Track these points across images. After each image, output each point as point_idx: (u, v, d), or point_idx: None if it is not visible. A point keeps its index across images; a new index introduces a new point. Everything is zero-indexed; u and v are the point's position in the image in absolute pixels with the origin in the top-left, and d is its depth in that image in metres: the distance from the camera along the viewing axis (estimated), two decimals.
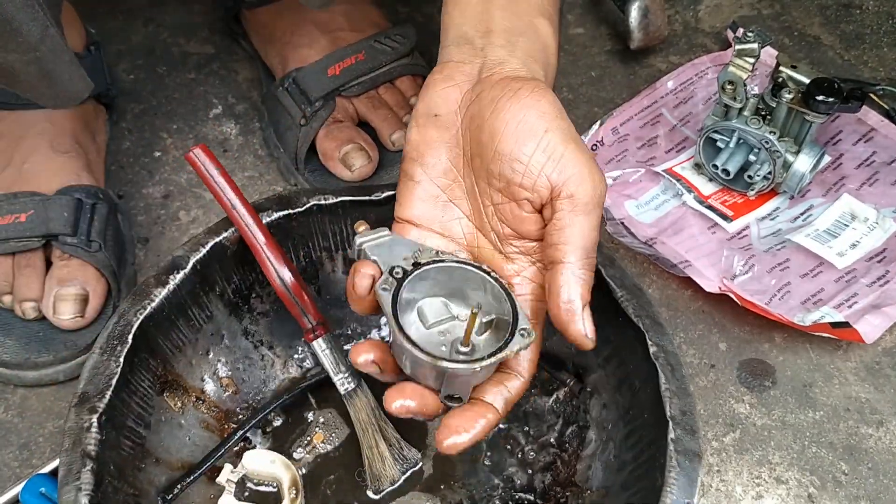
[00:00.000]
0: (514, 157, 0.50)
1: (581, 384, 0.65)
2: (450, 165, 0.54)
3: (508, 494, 0.64)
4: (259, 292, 0.68)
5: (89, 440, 0.54)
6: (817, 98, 0.73)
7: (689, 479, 0.52)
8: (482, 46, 0.54)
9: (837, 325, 0.71)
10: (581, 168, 0.49)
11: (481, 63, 0.54)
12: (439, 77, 0.54)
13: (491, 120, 0.51)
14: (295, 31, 0.85)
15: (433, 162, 0.54)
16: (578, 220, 0.49)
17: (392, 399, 0.50)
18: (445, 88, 0.54)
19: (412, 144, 0.55)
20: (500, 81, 0.52)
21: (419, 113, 0.55)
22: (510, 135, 0.50)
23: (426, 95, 0.54)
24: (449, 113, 0.54)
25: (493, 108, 0.51)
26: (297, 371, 0.70)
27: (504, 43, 0.54)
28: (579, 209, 0.49)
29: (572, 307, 0.49)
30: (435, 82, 0.54)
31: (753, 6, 1.02)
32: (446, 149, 0.54)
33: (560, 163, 0.49)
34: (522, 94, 0.50)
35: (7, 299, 0.71)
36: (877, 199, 0.80)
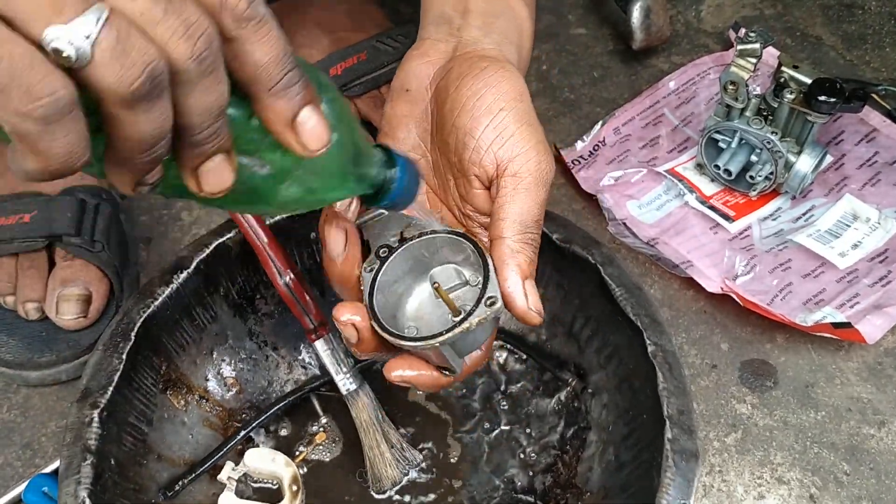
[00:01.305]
0: (466, 133, 0.50)
1: (583, 384, 0.65)
2: (418, 140, 0.55)
3: (509, 496, 0.64)
4: (264, 293, 0.68)
5: (90, 435, 0.54)
6: (819, 98, 0.73)
7: (685, 480, 0.52)
8: (459, 26, 0.55)
9: (839, 325, 0.71)
10: (528, 148, 0.50)
11: (456, 42, 0.55)
12: (415, 53, 0.55)
13: (454, 95, 0.51)
14: (297, 31, 0.85)
15: (403, 136, 0.55)
16: (519, 198, 0.49)
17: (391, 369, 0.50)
18: (419, 64, 0.55)
19: (385, 119, 0.56)
20: (469, 59, 0.53)
21: (393, 88, 0.56)
22: (467, 111, 0.51)
23: (401, 71, 0.55)
24: (419, 88, 0.54)
25: (457, 83, 0.51)
26: (301, 373, 0.70)
27: (481, 24, 0.55)
28: (521, 187, 0.49)
29: (508, 284, 0.48)
30: (410, 58, 0.55)
31: (755, 6, 1.02)
32: (415, 123, 0.55)
33: (508, 142, 0.50)
34: (487, 73, 0.51)
35: (10, 300, 0.71)
36: (879, 200, 0.80)
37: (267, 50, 0.35)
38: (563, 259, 0.63)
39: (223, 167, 0.36)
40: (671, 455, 0.52)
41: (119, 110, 0.31)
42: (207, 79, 0.33)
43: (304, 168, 0.40)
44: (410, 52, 0.56)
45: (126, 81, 0.30)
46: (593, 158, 0.86)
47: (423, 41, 0.56)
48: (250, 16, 0.34)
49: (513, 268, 0.48)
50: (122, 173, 0.34)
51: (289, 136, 0.37)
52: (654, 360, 0.56)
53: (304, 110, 0.36)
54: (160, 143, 0.33)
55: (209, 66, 0.33)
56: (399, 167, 0.47)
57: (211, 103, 0.34)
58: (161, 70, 0.31)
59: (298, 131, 0.37)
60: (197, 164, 0.35)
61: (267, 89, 0.35)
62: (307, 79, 0.37)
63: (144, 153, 0.33)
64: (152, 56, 0.31)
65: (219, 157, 0.35)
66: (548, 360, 0.67)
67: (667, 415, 0.54)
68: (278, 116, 0.36)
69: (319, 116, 0.37)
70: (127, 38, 0.30)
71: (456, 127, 0.51)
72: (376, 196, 0.47)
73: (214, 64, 0.33)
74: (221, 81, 0.34)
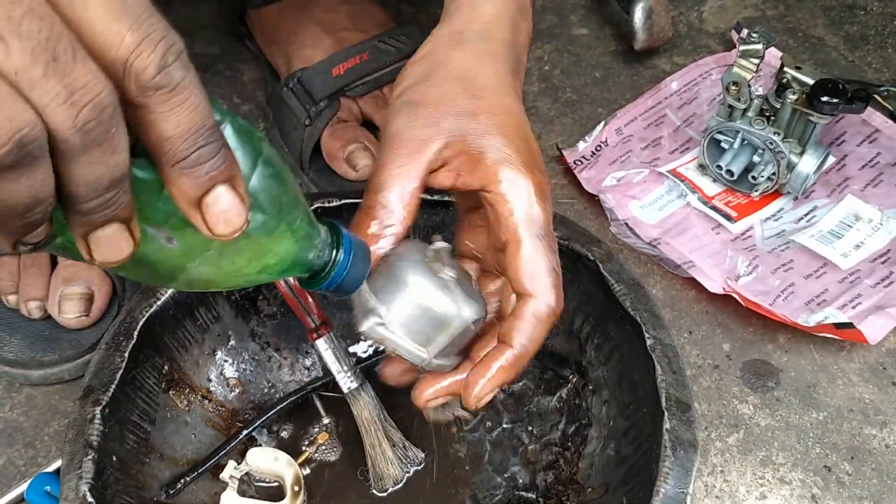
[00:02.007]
0: None
1: (584, 381, 0.65)
2: None
3: (511, 493, 0.64)
4: (266, 294, 0.68)
5: (92, 431, 0.54)
6: (821, 99, 0.73)
7: (684, 469, 0.52)
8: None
9: (841, 325, 0.71)
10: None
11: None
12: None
13: None
14: (299, 32, 0.85)
15: None
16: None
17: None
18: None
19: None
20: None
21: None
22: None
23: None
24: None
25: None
26: (304, 373, 0.70)
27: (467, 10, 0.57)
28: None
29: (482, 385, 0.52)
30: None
31: (758, 7, 1.02)
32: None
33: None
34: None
35: (13, 298, 0.71)
36: (881, 200, 0.80)
37: (176, 122, 0.31)
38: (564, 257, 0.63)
39: (119, 237, 0.32)
40: (669, 445, 0.52)
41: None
42: (94, 150, 0.29)
43: (216, 249, 0.36)
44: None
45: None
46: (595, 159, 0.86)
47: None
48: (159, 84, 0.30)
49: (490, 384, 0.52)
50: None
51: (194, 216, 0.33)
52: (652, 353, 0.56)
53: (215, 190, 0.33)
54: (34, 210, 0.30)
55: (97, 137, 0.29)
56: (344, 249, 0.44)
57: (99, 175, 0.30)
58: (33, 138, 0.28)
59: (205, 212, 0.33)
60: (85, 231, 0.32)
61: (171, 164, 0.32)
62: (227, 154, 0.33)
63: (15, 219, 0.30)
64: (23, 122, 0.28)
65: (113, 227, 0.32)
66: (549, 358, 0.67)
67: (665, 406, 0.54)
68: (182, 195, 0.33)
69: (234, 197, 0.33)
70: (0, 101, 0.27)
71: None
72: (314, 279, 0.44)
73: (105, 135, 0.29)
74: (116, 152, 0.30)
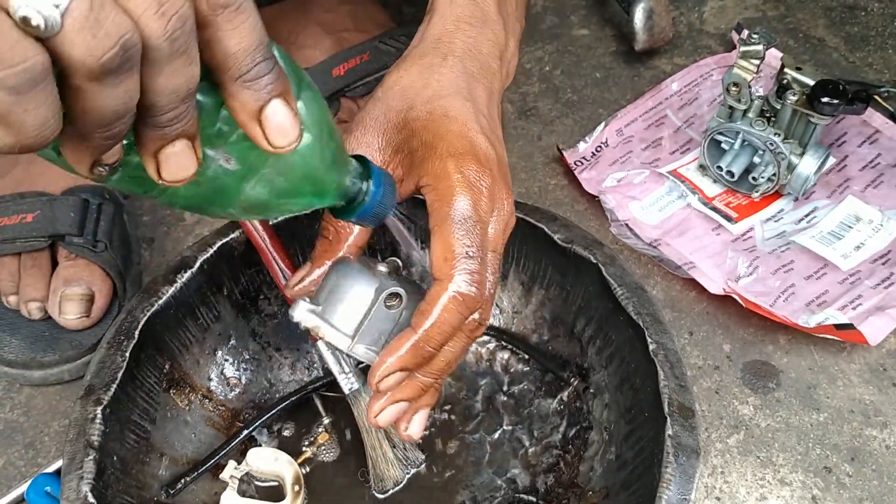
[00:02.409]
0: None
1: (585, 384, 0.65)
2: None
3: (511, 496, 0.64)
4: (267, 294, 0.68)
5: (93, 431, 0.54)
6: (822, 100, 0.73)
7: (686, 476, 0.52)
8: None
9: (841, 326, 0.71)
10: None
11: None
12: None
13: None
14: (300, 32, 0.85)
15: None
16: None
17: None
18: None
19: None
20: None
21: None
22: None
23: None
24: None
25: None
26: (304, 373, 0.70)
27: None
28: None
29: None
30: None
31: (758, 8, 1.02)
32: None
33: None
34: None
35: (13, 299, 0.71)
36: (881, 201, 0.80)
37: (239, 39, 0.34)
38: (565, 259, 0.63)
39: (185, 154, 0.35)
40: (671, 451, 0.52)
41: (86, 82, 0.30)
42: (178, 59, 0.32)
43: (271, 167, 0.39)
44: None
45: (97, 53, 0.29)
46: (596, 159, 0.86)
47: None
48: (226, 2, 0.33)
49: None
50: (80, 151, 0.33)
51: (254, 128, 0.36)
52: (655, 358, 0.56)
53: (272, 103, 0.35)
54: (122, 119, 0.32)
55: (181, 46, 0.32)
56: (374, 181, 0.46)
57: (179, 85, 0.33)
58: (134, 44, 0.30)
59: (265, 124, 0.36)
60: (158, 147, 0.34)
61: (234, 78, 0.35)
62: (281, 72, 0.36)
63: (104, 129, 0.32)
64: (126, 28, 0.30)
65: (181, 143, 0.34)
66: (550, 360, 0.67)
67: (667, 412, 0.54)
68: (244, 107, 0.35)
69: (289, 112, 0.36)
70: (100, 9, 0.29)
71: None
72: (347, 208, 0.46)
73: (186, 45, 0.32)
74: (192, 64, 0.33)
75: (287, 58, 0.39)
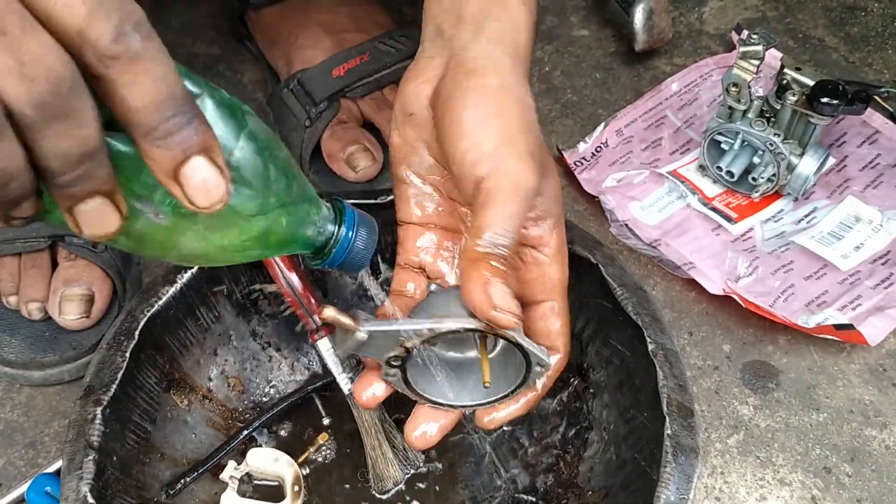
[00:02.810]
0: (451, 160, 0.50)
1: (584, 384, 0.65)
2: (434, 162, 0.54)
3: (510, 496, 0.64)
4: (267, 294, 0.68)
5: (93, 431, 0.54)
6: (822, 100, 0.73)
7: (685, 475, 0.52)
8: (451, 36, 0.53)
9: (841, 327, 0.71)
10: (503, 163, 0.48)
11: (449, 53, 0.53)
12: (412, 74, 0.54)
13: (440, 120, 0.50)
14: (300, 33, 0.85)
15: (417, 160, 0.54)
16: (484, 213, 0.47)
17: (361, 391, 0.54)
18: (418, 85, 0.53)
19: (395, 147, 0.54)
20: (454, 77, 0.51)
21: (396, 114, 0.54)
22: (450, 137, 0.49)
23: (401, 95, 0.54)
24: (421, 110, 0.53)
25: (443, 107, 0.50)
26: (304, 374, 0.70)
27: (473, 29, 0.53)
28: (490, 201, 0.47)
29: (472, 296, 0.47)
30: (408, 79, 0.54)
31: (758, 8, 1.02)
32: (426, 147, 0.53)
33: (483, 159, 0.48)
34: (468, 94, 0.49)
35: (13, 300, 0.71)
36: (881, 202, 0.80)
37: (140, 93, 0.30)
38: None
39: (104, 211, 0.32)
40: (670, 451, 0.52)
41: None
42: (58, 123, 0.29)
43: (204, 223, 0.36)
44: (407, 73, 0.54)
45: None
46: (595, 160, 0.86)
47: (419, 60, 0.54)
48: (116, 53, 0.29)
49: (474, 279, 0.46)
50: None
51: (172, 188, 0.32)
52: (654, 358, 0.56)
53: (190, 161, 0.32)
54: (8, 185, 0.29)
55: (56, 110, 0.29)
56: (346, 227, 0.43)
57: (67, 148, 0.30)
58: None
59: (183, 184, 0.32)
60: (67, 206, 0.31)
61: (143, 136, 0.31)
62: (201, 125, 0.32)
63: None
64: None
65: (96, 200, 0.31)
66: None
67: (666, 412, 0.54)
68: (157, 166, 0.32)
69: (211, 168, 0.32)
70: None
71: (447, 153, 0.50)
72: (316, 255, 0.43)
73: (64, 107, 0.29)
74: (82, 125, 0.30)
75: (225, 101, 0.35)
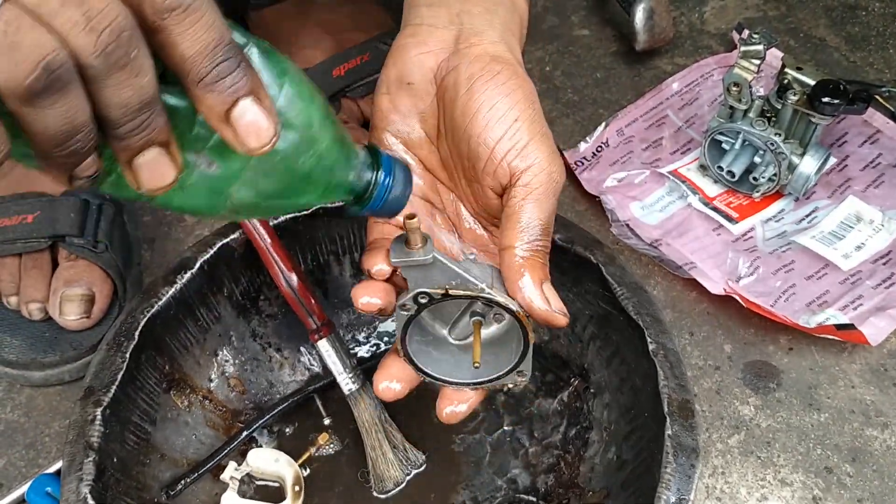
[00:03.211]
0: (481, 142, 0.49)
1: (585, 384, 0.65)
2: (424, 136, 0.53)
3: (511, 496, 0.64)
4: (267, 294, 0.68)
5: (93, 432, 0.54)
6: (823, 100, 0.73)
7: (685, 476, 0.52)
8: (458, 12, 0.52)
9: (842, 327, 0.71)
10: (541, 159, 0.49)
11: (457, 30, 0.51)
12: (412, 41, 0.52)
13: (465, 98, 0.50)
14: (300, 32, 0.85)
15: (406, 130, 0.53)
16: (528, 207, 0.48)
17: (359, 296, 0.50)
18: (420, 55, 0.51)
19: (382, 112, 0.53)
20: (479, 58, 0.50)
21: (390, 79, 0.52)
22: (481, 118, 0.49)
23: (397, 61, 0.52)
24: (423, 81, 0.52)
25: (468, 86, 0.49)
26: (304, 374, 0.70)
27: (482, 11, 0.52)
28: (531, 197, 0.48)
29: (525, 292, 0.48)
30: (407, 47, 0.52)
31: (759, 8, 1.02)
32: (420, 119, 0.52)
33: (522, 152, 0.49)
34: (500, 78, 0.49)
35: (14, 300, 0.71)
36: (882, 201, 0.80)
37: (192, 41, 0.32)
38: (566, 259, 0.63)
39: (161, 162, 0.34)
40: (671, 451, 0.52)
41: (18, 106, 0.30)
42: (120, 73, 0.31)
43: (254, 169, 0.37)
44: (404, 39, 0.52)
45: (19, 77, 0.29)
46: (596, 160, 0.86)
47: (418, 27, 0.52)
48: (171, 5, 0.32)
49: (526, 276, 0.48)
50: (49, 167, 0.32)
51: (225, 131, 0.34)
52: (655, 358, 0.56)
53: (240, 103, 0.34)
54: (75, 137, 0.31)
55: (118, 60, 0.31)
56: (384, 171, 0.44)
57: (128, 98, 0.31)
58: (60, 63, 0.29)
59: (235, 126, 0.34)
60: (129, 157, 0.33)
61: (195, 82, 0.33)
62: (248, 69, 0.34)
63: (58, 148, 0.31)
64: (47, 49, 0.29)
65: (153, 151, 0.33)
66: (550, 360, 0.67)
67: (667, 411, 0.54)
68: (211, 110, 0.34)
69: (260, 110, 0.34)
70: (17, 31, 0.28)
71: (469, 134, 0.49)
72: (357, 201, 0.44)
73: (126, 57, 0.31)
74: (140, 74, 0.31)
75: (268, 51, 0.37)
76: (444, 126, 0.52)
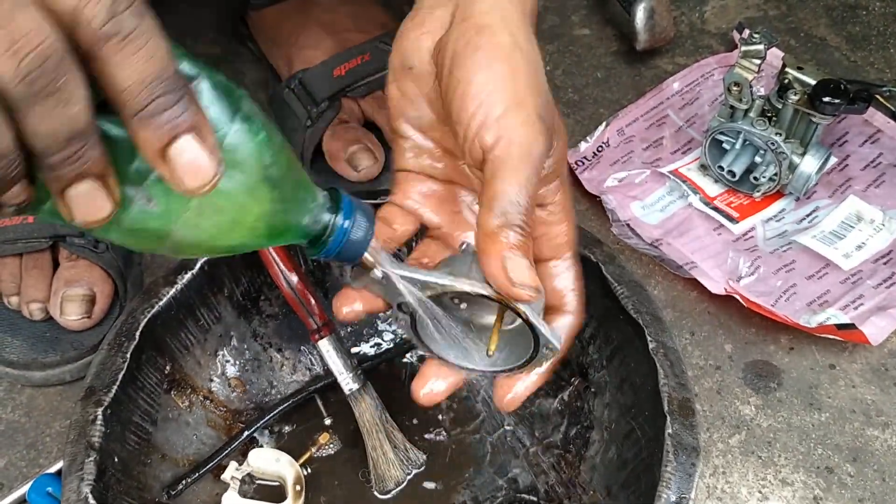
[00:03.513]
0: (458, 119, 0.47)
1: (586, 384, 0.65)
2: (434, 118, 0.52)
3: (512, 496, 0.64)
4: (268, 295, 0.68)
5: (94, 432, 0.54)
6: (823, 99, 0.73)
7: (686, 474, 0.52)
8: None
9: (843, 326, 0.71)
10: (511, 128, 0.46)
11: (454, 6, 0.50)
12: (410, 24, 0.51)
13: (447, 77, 0.48)
14: (301, 33, 0.85)
15: (417, 115, 0.52)
16: (496, 182, 0.45)
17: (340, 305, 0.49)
18: (418, 37, 0.50)
19: (393, 101, 0.52)
20: (464, 33, 0.48)
21: (394, 66, 0.52)
22: (459, 94, 0.47)
23: (399, 46, 0.51)
24: (422, 63, 0.50)
25: (450, 64, 0.48)
26: (305, 374, 0.70)
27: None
28: (500, 170, 0.45)
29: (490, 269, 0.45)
30: (407, 30, 0.51)
31: (759, 7, 1.02)
32: (426, 102, 0.51)
33: (493, 125, 0.46)
34: (480, 53, 0.47)
35: (14, 300, 0.71)
36: (883, 201, 0.80)
37: (130, 72, 0.30)
38: None
39: (95, 196, 0.31)
40: (671, 450, 0.52)
41: None
42: (46, 101, 0.29)
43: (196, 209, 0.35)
44: (405, 23, 0.51)
45: None
46: (597, 159, 0.86)
47: (418, 10, 0.51)
48: (108, 32, 0.29)
49: (491, 253, 0.45)
50: None
51: (161, 168, 0.32)
52: (654, 356, 0.56)
53: (178, 140, 0.31)
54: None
55: (43, 88, 0.29)
56: (344, 215, 0.42)
57: (55, 128, 0.29)
58: None
59: (171, 164, 0.32)
60: (58, 188, 0.31)
61: (131, 115, 0.31)
62: (191, 104, 0.32)
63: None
64: None
65: (87, 184, 0.31)
66: None
67: (667, 410, 0.54)
68: (146, 146, 0.32)
69: (201, 148, 0.32)
70: None
71: (450, 110, 0.48)
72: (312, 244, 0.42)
73: (52, 85, 0.29)
74: (70, 103, 0.29)
75: (222, 84, 0.35)
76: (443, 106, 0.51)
